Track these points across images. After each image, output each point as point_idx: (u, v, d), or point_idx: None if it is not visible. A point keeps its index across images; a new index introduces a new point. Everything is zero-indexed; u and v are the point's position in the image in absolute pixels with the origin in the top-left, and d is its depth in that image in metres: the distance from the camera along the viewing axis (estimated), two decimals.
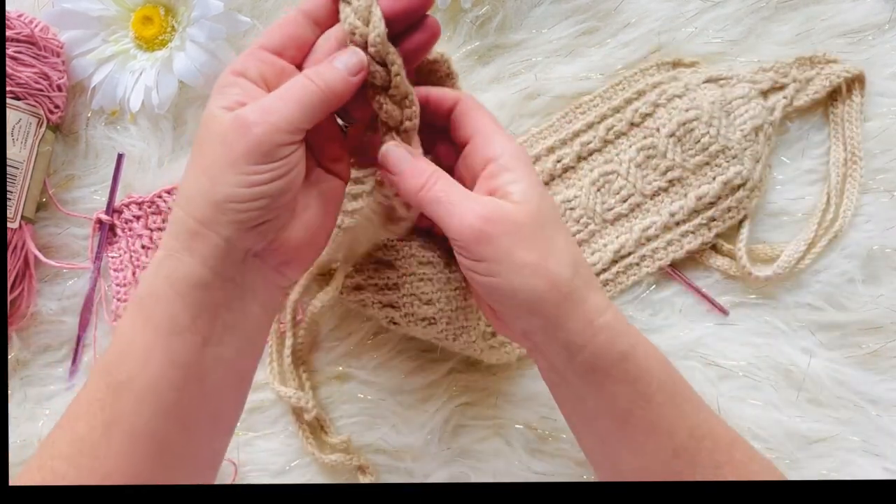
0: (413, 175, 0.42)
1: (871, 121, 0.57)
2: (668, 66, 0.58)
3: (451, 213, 0.41)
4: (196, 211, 0.38)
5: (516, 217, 0.40)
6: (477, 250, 0.40)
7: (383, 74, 0.41)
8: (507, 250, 0.40)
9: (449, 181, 0.42)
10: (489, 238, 0.40)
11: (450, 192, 0.41)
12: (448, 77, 0.48)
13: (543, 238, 0.41)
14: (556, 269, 0.41)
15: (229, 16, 0.55)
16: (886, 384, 0.56)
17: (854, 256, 0.56)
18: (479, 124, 0.44)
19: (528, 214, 0.41)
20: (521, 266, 0.40)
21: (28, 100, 0.55)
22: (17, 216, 0.55)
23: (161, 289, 0.39)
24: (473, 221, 0.40)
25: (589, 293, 0.41)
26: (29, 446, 0.57)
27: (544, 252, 0.41)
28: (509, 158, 0.42)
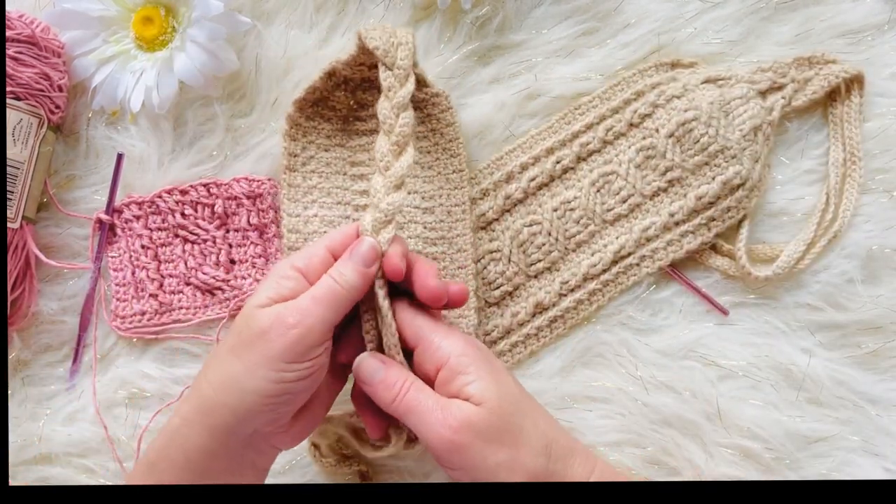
0: (385, 387, 0.44)
1: (871, 121, 0.58)
2: (666, 67, 0.58)
3: (422, 424, 0.43)
4: (221, 392, 0.43)
5: (482, 420, 0.42)
6: (451, 460, 0.43)
7: None
8: (479, 455, 0.42)
9: (418, 388, 0.44)
10: (460, 447, 0.42)
11: (419, 401, 0.43)
12: (448, 111, 0.56)
13: (511, 431, 0.43)
14: (530, 462, 0.43)
15: (229, 16, 0.55)
16: (886, 384, 0.56)
17: (853, 256, 0.56)
18: (420, 330, 0.45)
19: (492, 413, 0.42)
20: (495, 467, 0.42)
21: (29, 100, 0.55)
22: (18, 216, 0.55)
23: (174, 455, 0.43)
24: (443, 434, 0.42)
25: (567, 470, 0.44)
26: (29, 446, 0.57)
27: (515, 446, 0.43)
28: (458, 358, 0.44)
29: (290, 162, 0.57)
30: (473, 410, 0.42)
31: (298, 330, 0.42)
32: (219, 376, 0.43)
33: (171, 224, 0.58)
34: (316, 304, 0.42)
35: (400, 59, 0.46)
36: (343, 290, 0.43)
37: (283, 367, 0.42)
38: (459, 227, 0.56)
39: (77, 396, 0.58)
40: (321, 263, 0.45)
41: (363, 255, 0.44)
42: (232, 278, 0.58)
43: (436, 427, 0.42)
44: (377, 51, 0.47)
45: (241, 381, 0.42)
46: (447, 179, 0.57)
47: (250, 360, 0.42)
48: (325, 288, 0.43)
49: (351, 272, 0.43)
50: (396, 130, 0.45)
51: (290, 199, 0.56)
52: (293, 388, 0.43)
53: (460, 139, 0.57)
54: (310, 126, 0.57)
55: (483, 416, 0.42)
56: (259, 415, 0.43)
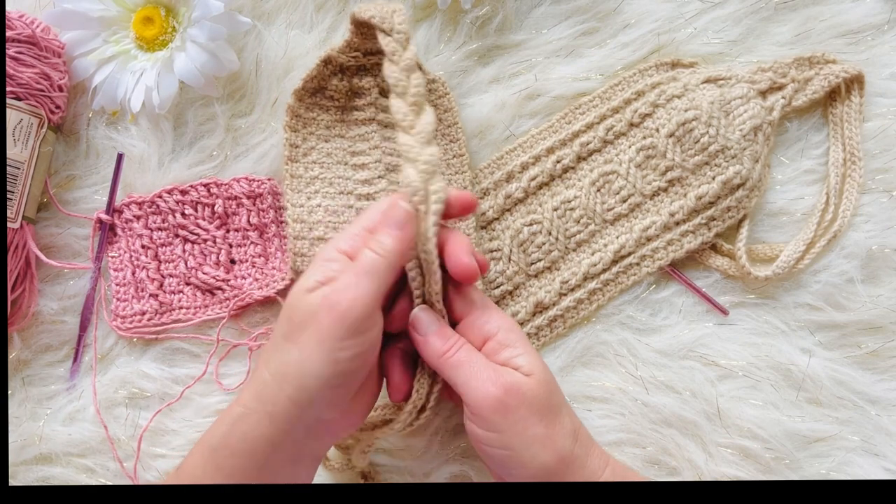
0: (439, 339, 0.45)
1: (871, 121, 0.58)
2: (666, 67, 0.58)
3: (472, 379, 0.44)
4: (281, 380, 0.42)
5: (530, 389, 0.43)
6: (494, 420, 0.43)
7: None
8: (522, 423, 0.43)
9: (471, 350, 0.45)
10: (507, 409, 0.43)
11: (472, 358, 0.45)
12: (445, 96, 0.56)
13: (552, 409, 0.44)
14: (562, 442, 0.44)
15: (230, 16, 0.55)
16: (886, 384, 0.56)
17: (853, 256, 0.56)
18: (471, 302, 0.47)
19: (540, 385, 0.44)
20: (531, 440, 0.43)
21: (29, 100, 0.55)
22: (18, 216, 0.55)
23: (236, 444, 0.43)
24: (494, 391, 0.43)
25: (588, 458, 0.45)
26: (30, 446, 0.57)
27: (552, 424, 0.44)
28: (506, 333, 0.45)
29: (291, 153, 0.57)
30: (524, 379, 0.43)
31: (345, 304, 0.41)
32: (276, 364, 0.43)
33: (171, 224, 0.58)
34: (358, 276, 0.42)
35: (398, 24, 0.46)
36: (382, 257, 0.43)
37: (336, 345, 0.42)
38: None
39: (77, 396, 0.58)
40: (363, 243, 0.44)
41: (396, 218, 0.44)
42: (232, 278, 0.58)
43: (486, 383, 0.43)
44: (373, 19, 0.46)
45: (298, 367, 0.42)
46: (448, 165, 0.57)
47: (304, 345, 0.42)
48: (364, 260, 0.43)
49: (386, 238, 0.43)
50: (411, 91, 0.44)
51: (293, 189, 0.56)
52: (349, 367, 0.42)
53: (459, 124, 0.57)
54: (309, 117, 0.57)
55: (532, 386, 0.43)
56: (319, 400, 0.42)
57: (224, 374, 0.58)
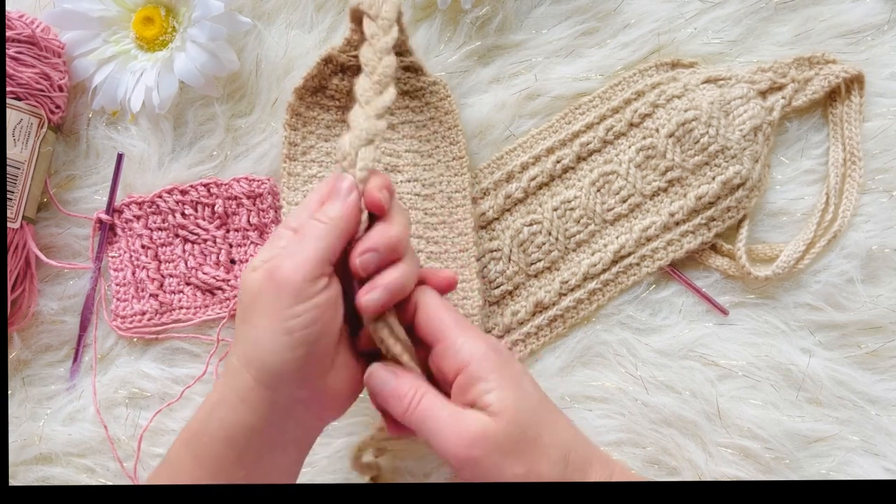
0: (396, 398, 0.43)
1: (871, 121, 0.58)
2: (666, 67, 0.58)
3: (436, 436, 0.41)
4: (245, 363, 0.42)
5: (498, 432, 0.41)
6: (466, 474, 0.41)
7: None
8: (495, 469, 0.41)
9: (431, 397, 0.42)
10: (475, 462, 0.41)
11: (433, 411, 0.42)
12: (446, 98, 0.56)
13: (529, 443, 0.41)
14: (547, 473, 0.41)
15: (230, 16, 0.55)
16: (886, 384, 0.56)
17: (853, 256, 0.56)
18: (442, 327, 0.44)
19: (509, 423, 0.41)
20: (511, 480, 0.41)
21: (29, 100, 0.55)
22: (18, 216, 0.55)
23: (214, 431, 0.42)
24: (459, 447, 0.41)
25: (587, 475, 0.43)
26: (30, 446, 0.57)
27: (532, 458, 0.41)
28: (478, 364, 0.42)
29: (290, 151, 0.57)
30: (490, 423, 0.41)
31: (283, 270, 0.40)
32: (240, 348, 0.42)
33: (171, 224, 0.58)
34: (298, 241, 0.41)
35: (385, 11, 0.45)
36: (325, 223, 0.42)
37: (285, 315, 0.40)
38: (460, 211, 0.56)
39: (77, 396, 0.58)
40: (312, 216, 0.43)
41: (340, 188, 0.42)
42: (232, 278, 0.58)
43: (451, 440, 0.41)
44: (362, 5, 0.46)
45: (256, 347, 0.41)
46: (447, 167, 0.57)
47: (257, 323, 0.41)
48: (306, 228, 0.42)
49: (330, 206, 0.42)
50: (379, 71, 0.44)
51: (290, 187, 0.57)
52: (305, 335, 0.41)
53: (459, 126, 0.57)
54: (310, 116, 0.57)
55: (500, 428, 0.41)
56: (286, 378, 0.41)
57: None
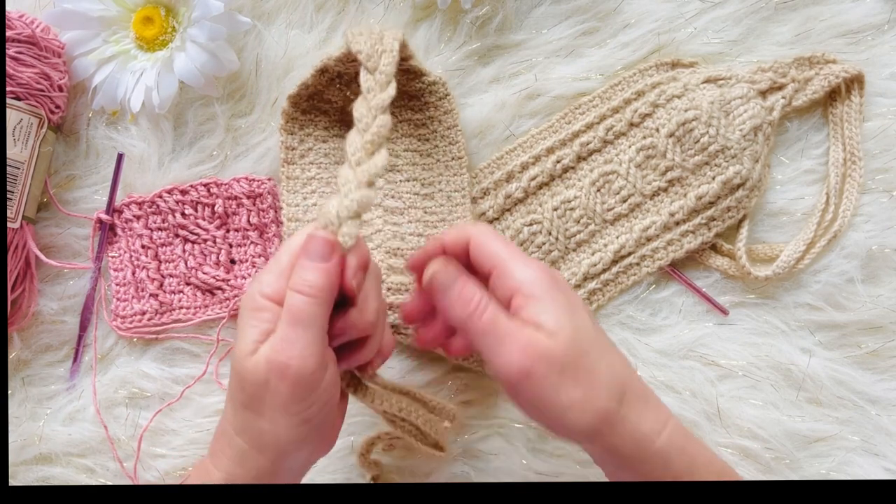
0: (462, 302, 0.42)
1: (871, 121, 0.58)
2: (666, 67, 0.58)
3: (497, 346, 0.41)
4: (257, 449, 0.42)
5: (556, 352, 0.40)
6: (522, 391, 0.40)
7: None
8: (552, 389, 0.40)
9: (495, 310, 0.42)
10: (533, 376, 0.40)
11: (496, 324, 0.41)
12: (446, 98, 0.55)
13: (586, 367, 0.41)
14: (604, 404, 0.40)
15: (230, 16, 0.55)
16: (886, 384, 0.56)
17: (853, 256, 0.56)
18: (495, 256, 0.43)
19: (566, 345, 0.40)
20: (568, 405, 0.40)
21: (29, 100, 0.55)
22: (18, 216, 0.55)
23: None
24: (519, 360, 0.40)
25: (640, 419, 0.41)
26: (30, 446, 0.57)
27: (589, 384, 0.40)
28: (531, 286, 0.41)
29: (287, 155, 0.57)
30: (549, 342, 0.40)
31: (293, 366, 0.39)
32: (250, 434, 0.42)
33: (171, 224, 0.58)
34: (294, 327, 0.39)
35: (383, 65, 0.45)
36: (311, 297, 0.40)
37: (302, 408, 0.40)
38: (460, 210, 0.56)
39: (77, 396, 0.58)
40: (286, 282, 0.41)
41: (317, 251, 0.40)
42: (232, 278, 0.58)
43: (512, 352, 0.40)
44: (360, 55, 0.45)
45: (274, 437, 0.41)
46: (446, 166, 0.57)
47: (271, 416, 0.40)
48: (295, 307, 0.40)
49: (311, 273, 0.40)
50: (372, 130, 0.42)
51: (289, 190, 0.57)
52: (318, 416, 0.42)
53: (459, 126, 0.57)
54: (307, 119, 0.57)
55: (559, 347, 0.40)
56: (297, 453, 0.42)
57: (224, 374, 0.58)
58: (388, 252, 0.55)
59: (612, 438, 0.41)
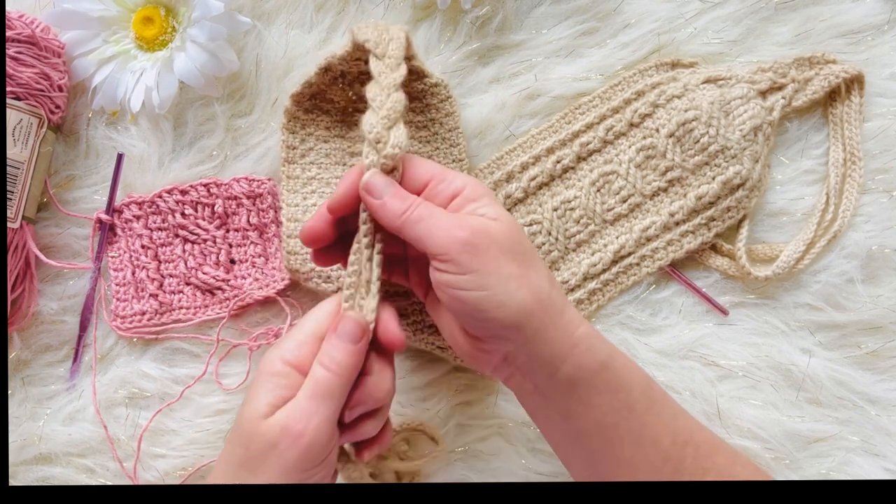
0: (396, 199, 0.43)
1: (871, 121, 0.58)
2: (666, 67, 0.58)
3: (436, 228, 0.42)
4: None
5: (498, 231, 0.42)
6: (465, 261, 0.41)
7: None
8: (494, 261, 0.41)
9: (431, 205, 0.43)
10: (476, 248, 0.41)
11: (432, 212, 0.43)
12: (447, 100, 0.55)
13: (522, 252, 0.43)
14: (538, 282, 0.42)
15: (230, 16, 0.55)
16: (886, 384, 0.56)
17: (853, 257, 0.56)
18: (432, 168, 0.45)
19: (508, 229, 0.43)
20: (507, 278, 0.41)
21: (29, 100, 0.55)
22: (18, 216, 0.55)
23: None
24: (460, 233, 0.41)
25: (565, 306, 0.43)
26: (30, 446, 0.57)
27: (525, 264, 0.42)
28: (472, 189, 0.44)
29: (288, 154, 0.57)
30: (490, 222, 0.42)
31: (308, 437, 0.40)
32: None
33: (171, 224, 0.58)
34: (316, 401, 0.41)
35: (391, 50, 0.46)
36: (338, 376, 0.41)
37: (303, 476, 0.41)
38: None
39: (77, 396, 0.58)
40: (311, 352, 0.43)
41: (350, 332, 0.42)
42: (232, 278, 0.58)
43: (451, 229, 0.41)
44: (367, 43, 0.46)
45: None
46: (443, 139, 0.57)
47: (267, 476, 0.41)
48: (320, 381, 0.41)
49: (342, 354, 0.42)
50: (387, 105, 0.44)
51: (290, 190, 0.56)
52: (320, 478, 0.43)
53: (460, 128, 0.57)
54: (308, 119, 0.57)
55: (500, 228, 0.42)
56: None
57: (224, 374, 0.58)
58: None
59: (540, 322, 0.42)
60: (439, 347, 0.55)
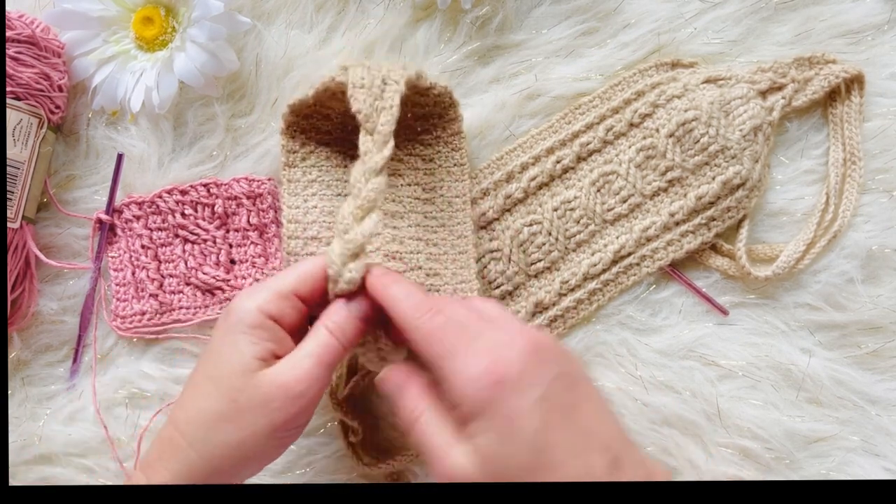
0: (402, 409, 0.41)
1: (871, 121, 0.58)
2: (666, 67, 0.58)
3: (428, 463, 0.40)
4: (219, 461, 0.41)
5: (475, 477, 0.38)
6: None
7: None
8: None
9: (428, 419, 0.40)
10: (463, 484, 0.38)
11: (427, 438, 0.40)
12: (451, 106, 0.55)
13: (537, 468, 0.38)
14: None
15: (230, 16, 0.55)
16: (886, 384, 0.56)
17: (853, 256, 0.56)
18: (431, 353, 0.39)
19: (487, 471, 0.38)
20: None
21: (29, 100, 0.55)
22: (17, 216, 0.55)
23: None
24: (442, 477, 0.38)
25: None
26: (30, 446, 0.57)
27: None
28: (471, 404, 0.38)
29: (288, 158, 0.56)
30: (470, 468, 0.38)
31: (305, 400, 0.40)
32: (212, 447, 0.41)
33: (171, 224, 0.58)
34: (319, 365, 0.40)
35: (381, 125, 0.45)
36: (341, 346, 0.41)
37: (286, 434, 0.41)
38: (460, 215, 0.56)
39: (77, 396, 0.58)
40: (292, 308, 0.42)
41: (365, 310, 0.42)
42: (232, 278, 0.58)
43: (437, 475, 0.40)
44: (359, 114, 0.45)
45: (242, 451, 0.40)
46: (448, 172, 0.57)
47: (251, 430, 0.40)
48: (329, 348, 0.41)
49: (351, 326, 0.41)
50: (363, 195, 0.43)
51: (291, 193, 0.56)
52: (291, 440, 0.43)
53: (462, 133, 0.56)
54: (308, 124, 0.57)
55: (478, 475, 0.38)
56: (259, 468, 0.43)
57: None
58: (387, 255, 0.55)
59: None
60: None
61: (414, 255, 0.54)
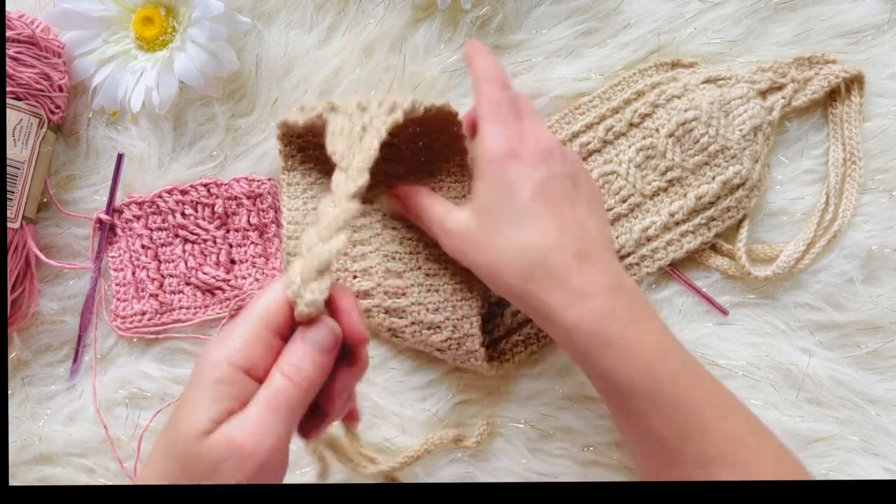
0: (411, 198, 0.51)
1: (871, 121, 0.58)
2: (666, 67, 0.58)
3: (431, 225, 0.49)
4: None
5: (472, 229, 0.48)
6: None
7: None
8: None
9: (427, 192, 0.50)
10: (461, 252, 0.48)
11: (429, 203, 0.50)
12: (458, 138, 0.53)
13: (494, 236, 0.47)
14: None
15: (230, 16, 0.55)
16: (886, 384, 0.56)
17: (853, 256, 0.56)
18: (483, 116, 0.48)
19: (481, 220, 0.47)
20: None
21: (29, 100, 0.55)
22: (18, 216, 0.55)
23: None
24: None
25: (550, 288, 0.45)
26: (30, 446, 0.57)
27: None
28: (485, 165, 0.47)
29: (287, 163, 0.56)
30: (466, 221, 0.47)
31: (258, 458, 0.34)
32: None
33: (171, 224, 0.58)
34: (273, 415, 0.35)
35: (357, 163, 0.42)
36: (301, 389, 0.35)
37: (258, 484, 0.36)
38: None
39: (77, 396, 0.58)
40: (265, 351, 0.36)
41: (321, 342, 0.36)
42: (232, 278, 0.58)
43: (439, 230, 0.48)
44: (334, 155, 0.43)
45: None
46: (448, 173, 0.56)
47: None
48: (279, 391, 0.35)
49: (309, 364, 0.36)
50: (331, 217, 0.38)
51: (291, 196, 0.56)
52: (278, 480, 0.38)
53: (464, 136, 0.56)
54: (306, 127, 0.56)
55: (474, 226, 0.47)
56: None
57: None
58: (386, 256, 0.55)
59: None
60: (438, 350, 0.54)
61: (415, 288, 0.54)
